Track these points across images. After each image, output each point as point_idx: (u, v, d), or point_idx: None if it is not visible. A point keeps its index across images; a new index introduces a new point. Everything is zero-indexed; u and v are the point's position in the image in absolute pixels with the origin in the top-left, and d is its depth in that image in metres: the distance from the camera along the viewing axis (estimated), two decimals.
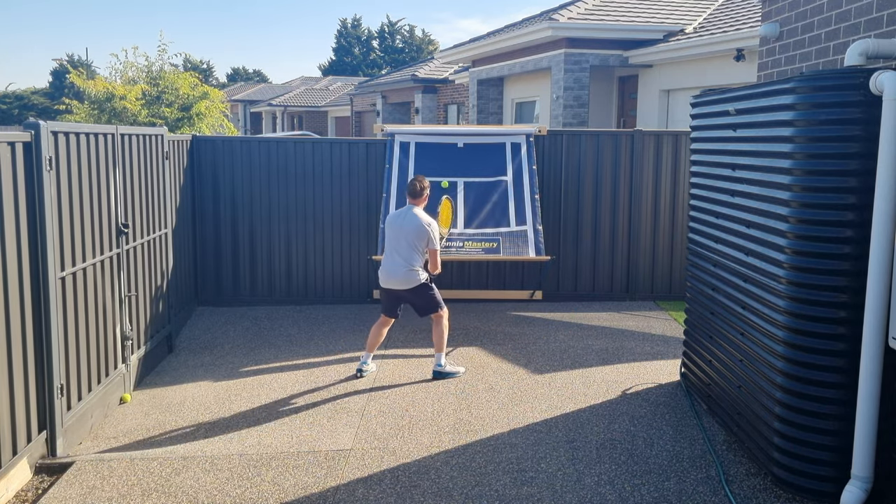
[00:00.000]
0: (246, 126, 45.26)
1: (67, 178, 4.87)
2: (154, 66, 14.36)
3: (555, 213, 8.78)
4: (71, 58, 53.26)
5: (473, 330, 7.65)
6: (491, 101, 19.12)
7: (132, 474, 4.45)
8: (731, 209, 4.84)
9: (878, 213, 3.61)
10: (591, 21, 14.44)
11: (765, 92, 4.32)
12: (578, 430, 5.13)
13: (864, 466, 3.77)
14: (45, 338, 4.58)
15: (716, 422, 5.20)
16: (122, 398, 5.76)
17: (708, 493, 4.24)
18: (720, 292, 5.02)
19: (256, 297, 8.73)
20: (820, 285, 3.89)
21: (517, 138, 8.41)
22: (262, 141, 8.72)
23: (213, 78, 62.48)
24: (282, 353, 6.97)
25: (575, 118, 14.53)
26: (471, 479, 4.42)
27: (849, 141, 3.77)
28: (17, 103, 51.61)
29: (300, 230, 8.69)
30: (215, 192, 8.57)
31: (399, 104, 27.05)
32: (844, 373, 3.87)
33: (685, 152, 8.76)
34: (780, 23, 6.14)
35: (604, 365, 6.56)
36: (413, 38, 61.21)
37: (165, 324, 6.92)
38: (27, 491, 4.32)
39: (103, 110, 13.21)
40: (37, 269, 4.50)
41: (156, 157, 6.65)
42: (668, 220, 8.90)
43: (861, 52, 4.36)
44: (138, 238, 6.19)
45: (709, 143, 5.28)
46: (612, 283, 8.96)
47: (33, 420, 4.49)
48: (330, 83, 45.45)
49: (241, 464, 4.61)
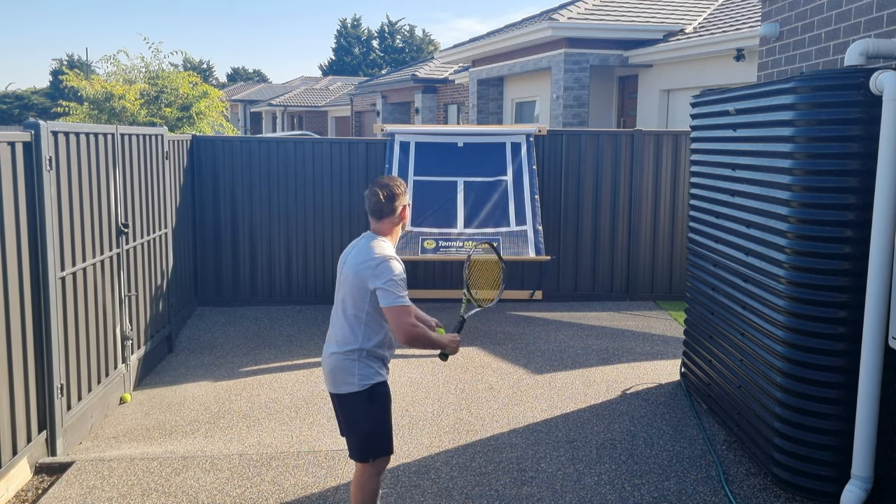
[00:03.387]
0: (246, 126, 45.25)
1: (67, 178, 4.87)
2: (151, 65, 14.35)
3: (555, 212, 8.78)
4: (71, 58, 53.26)
5: (473, 330, 7.65)
6: (491, 101, 19.12)
7: (132, 474, 4.45)
8: (731, 209, 4.84)
9: (878, 213, 3.61)
10: (591, 21, 14.44)
11: (765, 92, 4.32)
12: (578, 430, 5.13)
13: (864, 466, 3.77)
14: (45, 338, 4.58)
15: (716, 422, 5.20)
16: (122, 398, 5.75)
17: (708, 493, 4.24)
18: (720, 292, 5.02)
19: (256, 297, 8.72)
20: (820, 285, 3.89)
21: (517, 138, 8.41)
22: (262, 141, 8.72)
23: (213, 78, 62.47)
24: (282, 353, 6.97)
25: (575, 118, 14.53)
26: (471, 479, 4.42)
27: (849, 141, 3.77)
28: (17, 103, 51.63)
29: (300, 230, 8.69)
30: (215, 192, 8.56)
31: (399, 104, 27.05)
32: (844, 373, 3.88)
33: (685, 152, 8.76)
34: (780, 23, 6.14)
35: (604, 365, 6.56)
36: (413, 38, 61.21)
37: (165, 324, 6.92)
38: (27, 491, 4.31)
39: (102, 110, 13.20)
40: (37, 269, 4.50)
41: (156, 157, 6.65)
42: (668, 220, 8.90)
43: (861, 52, 4.36)
44: (138, 238, 6.19)
45: (709, 143, 5.28)
46: (612, 283, 8.96)
47: (33, 420, 4.49)
48: (330, 83, 45.44)
49: (241, 464, 4.61)
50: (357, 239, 3.51)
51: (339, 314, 3.40)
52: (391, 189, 3.42)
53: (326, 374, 3.44)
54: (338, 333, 3.39)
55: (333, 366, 3.38)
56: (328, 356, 3.42)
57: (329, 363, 3.41)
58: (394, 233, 3.48)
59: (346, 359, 3.34)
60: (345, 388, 3.35)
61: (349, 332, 3.34)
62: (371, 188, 3.45)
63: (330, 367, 3.40)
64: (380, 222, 3.43)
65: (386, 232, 3.44)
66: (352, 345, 3.34)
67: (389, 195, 3.41)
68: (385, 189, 3.41)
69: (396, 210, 3.43)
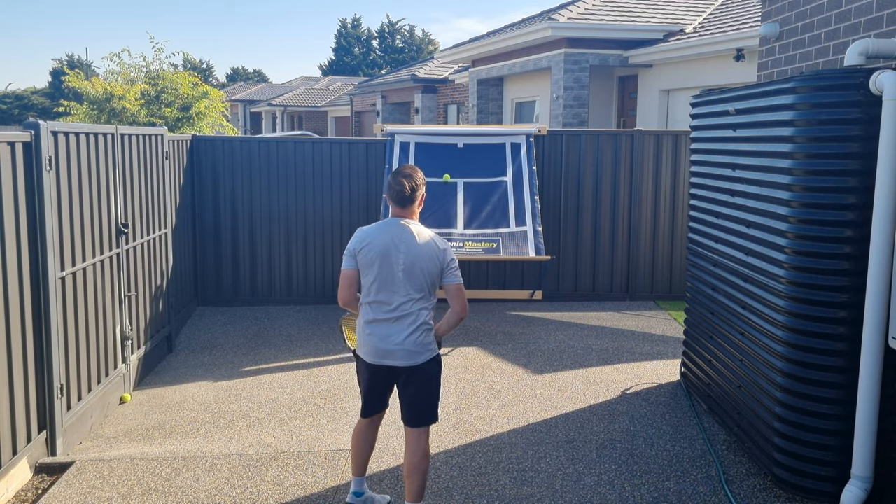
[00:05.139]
0: (246, 126, 45.25)
1: (67, 178, 4.86)
2: (152, 65, 14.35)
3: (555, 213, 8.78)
4: (71, 58, 53.27)
5: (473, 330, 7.65)
6: (491, 101, 19.12)
7: (132, 474, 4.45)
8: (731, 209, 4.84)
9: (878, 213, 3.61)
10: (590, 21, 14.44)
11: (765, 92, 4.32)
12: (578, 430, 5.13)
13: (864, 466, 3.77)
14: (45, 338, 4.58)
15: (716, 422, 5.20)
16: (122, 398, 5.75)
17: (708, 493, 4.24)
18: (720, 292, 5.02)
19: (256, 297, 8.72)
20: (820, 285, 3.89)
21: (517, 138, 8.41)
22: (262, 141, 8.72)
23: (213, 78, 62.48)
24: (282, 353, 6.97)
25: (575, 118, 14.53)
26: (471, 479, 4.42)
27: (849, 141, 3.77)
28: (17, 103, 51.66)
29: (300, 230, 8.69)
30: (215, 192, 8.56)
31: (399, 104, 27.05)
32: (844, 372, 3.88)
33: (685, 152, 8.76)
34: (780, 23, 6.14)
35: (604, 365, 6.56)
36: (413, 38, 61.22)
37: (165, 324, 6.92)
38: (27, 491, 4.31)
39: (102, 110, 13.19)
40: (37, 269, 4.50)
41: (156, 157, 6.65)
42: (668, 220, 8.90)
43: (861, 52, 4.36)
44: (138, 238, 6.19)
45: (709, 143, 5.28)
46: (612, 283, 8.96)
47: (33, 420, 4.49)
48: (330, 83, 45.45)
49: (241, 464, 4.61)
50: (385, 224, 3.81)
51: (402, 295, 3.71)
52: (415, 180, 3.84)
53: (400, 353, 3.72)
54: (412, 312, 3.72)
55: (413, 341, 3.71)
56: (404, 336, 3.71)
57: (407, 341, 3.71)
58: (417, 215, 3.91)
59: (425, 332, 3.75)
60: (423, 357, 3.74)
61: (418, 309, 3.72)
62: (397, 178, 3.80)
63: (408, 345, 3.71)
64: (405, 209, 3.82)
65: (414, 216, 3.87)
66: (424, 319, 3.75)
67: (414, 185, 3.82)
68: (410, 180, 3.81)
69: (418, 198, 3.87)
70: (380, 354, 3.74)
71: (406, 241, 3.72)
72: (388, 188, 3.83)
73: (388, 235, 3.74)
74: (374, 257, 3.71)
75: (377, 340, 3.74)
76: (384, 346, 3.72)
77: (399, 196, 3.78)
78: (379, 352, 3.74)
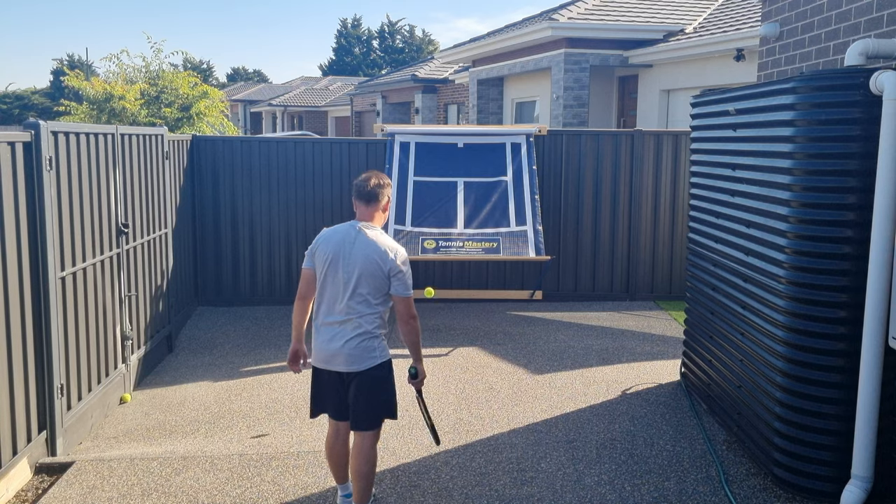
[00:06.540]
0: (246, 126, 45.26)
1: (67, 178, 4.87)
2: (151, 65, 14.36)
3: (555, 212, 8.78)
4: (71, 58, 53.27)
5: (473, 330, 7.65)
6: (491, 101, 19.12)
7: (132, 474, 4.45)
8: (731, 209, 4.84)
9: (878, 213, 3.61)
10: (591, 21, 14.45)
11: (765, 92, 4.32)
12: (578, 430, 5.13)
13: (864, 466, 3.77)
14: (45, 338, 4.58)
15: (716, 422, 5.19)
16: (122, 398, 5.75)
17: (708, 493, 4.24)
18: (720, 292, 5.02)
19: (256, 296, 8.72)
20: (820, 285, 3.89)
21: (517, 138, 8.41)
22: (262, 141, 8.72)
23: (213, 78, 62.46)
24: (282, 353, 6.96)
25: (575, 118, 14.53)
26: (471, 479, 4.42)
27: (849, 141, 3.77)
28: (17, 103, 51.64)
29: (300, 230, 8.69)
30: (215, 192, 8.57)
31: (399, 104, 27.05)
32: (844, 372, 3.88)
33: (685, 152, 8.76)
34: (780, 23, 6.14)
35: (604, 365, 6.56)
36: (413, 38, 61.22)
37: (165, 324, 6.92)
38: (27, 491, 4.31)
39: (102, 110, 13.20)
40: (37, 269, 4.50)
41: (156, 157, 6.65)
42: (668, 220, 8.90)
43: (861, 52, 4.36)
44: (138, 238, 6.19)
45: (709, 143, 5.28)
46: (612, 283, 8.96)
47: (33, 420, 4.49)
48: (330, 83, 45.46)
49: (241, 464, 4.61)
50: (342, 226, 3.78)
51: (347, 299, 3.66)
52: (381, 179, 3.80)
53: (341, 357, 3.67)
54: (352, 318, 3.66)
55: (354, 346, 3.66)
56: (344, 341, 3.66)
57: (347, 346, 3.66)
58: (381, 220, 3.83)
59: (369, 338, 3.69)
60: (367, 363, 3.68)
61: (361, 315, 3.67)
62: (362, 177, 3.81)
63: (349, 349, 3.66)
64: (369, 208, 3.77)
65: (376, 221, 3.80)
66: (373, 325, 3.70)
67: (379, 184, 3.78)
68: (377, 178, 3.79)
69: (383, 199, 3.81)
70: (325, 359, 3.74)
71: (356, 245, 3.68)
72: (353, 187, 3.81)
73: (341, 238, 3.72)
74: (325, 259, 3.71)
75: (323, 343, 3.73)
76: (328, 348, 3.71)
77: (361, 190, 3.75)
78: (324, 355, 3.74)
